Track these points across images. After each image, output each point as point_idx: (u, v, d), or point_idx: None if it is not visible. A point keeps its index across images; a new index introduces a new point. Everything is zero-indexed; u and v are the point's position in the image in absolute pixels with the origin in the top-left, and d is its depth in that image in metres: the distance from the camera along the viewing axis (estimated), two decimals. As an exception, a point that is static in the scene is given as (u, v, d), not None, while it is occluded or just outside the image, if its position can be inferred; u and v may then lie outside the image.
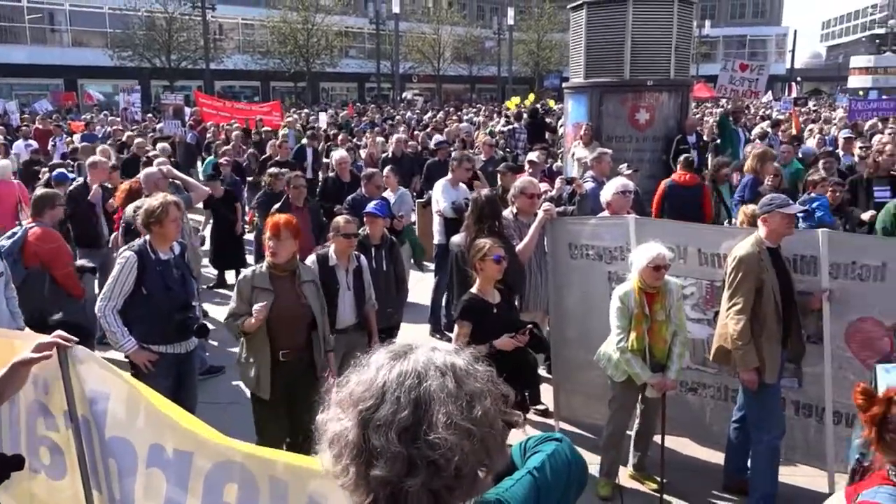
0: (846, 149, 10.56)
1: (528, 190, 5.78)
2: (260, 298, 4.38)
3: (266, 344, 4.40)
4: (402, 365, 1.27)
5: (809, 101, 37.39)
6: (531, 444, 1.57)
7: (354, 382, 1.28)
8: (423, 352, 1.30)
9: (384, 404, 1.22)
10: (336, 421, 1.26)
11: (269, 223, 4.46)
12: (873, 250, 4.49)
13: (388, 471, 1.19)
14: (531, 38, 54.59)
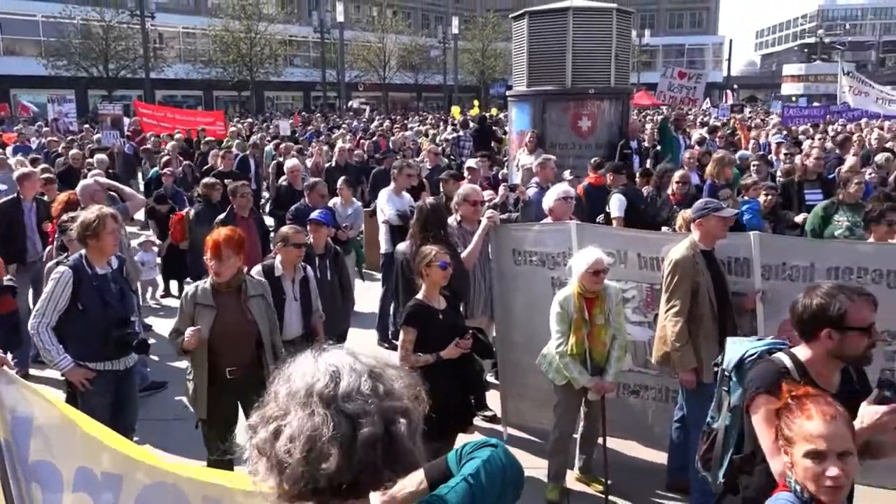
0: (779, 153, 10.94)
1: (471, 197, 5.82)
2: (201, 315, 4.28)
3: (205, 362, 4.30)
4: (330, 353, 1.37)
5: (746, 108, 38.63)
6: (467, 450, 1.59)
7: (298, 380, 1.32)
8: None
9: (342, 378, 1.31)
10: (304, 417, 1.28)
11: (208, 242, 4.30)
12: (802, 251, 4.67)
13: (372, 428, 1.27)
14: (476, 47, 55.07)
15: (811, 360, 2.65)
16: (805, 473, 2.03)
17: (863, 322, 2.51)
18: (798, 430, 2.05)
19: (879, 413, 2.29)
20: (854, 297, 2.54)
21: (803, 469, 2.04)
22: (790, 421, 2.09)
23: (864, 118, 16.82)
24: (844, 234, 6.29)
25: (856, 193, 6.59)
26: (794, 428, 2.07)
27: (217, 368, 4.30)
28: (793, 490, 2.09)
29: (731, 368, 3.01)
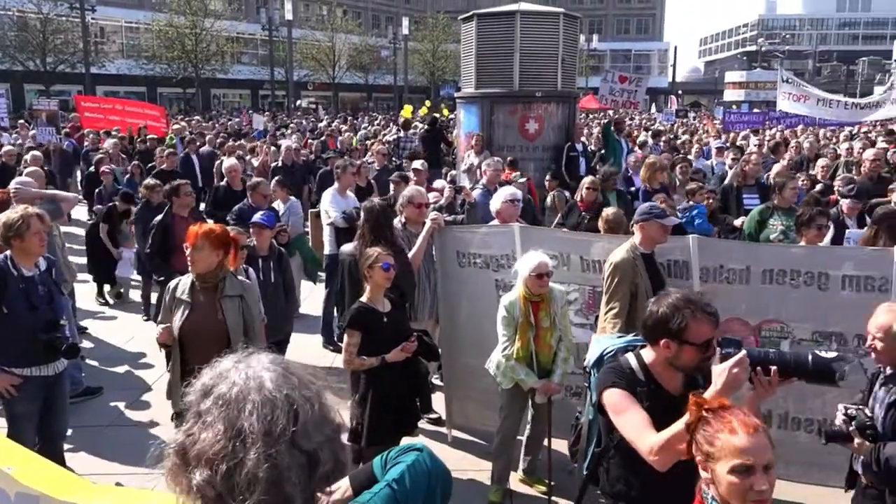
0: (718, 157, 11.23)
1: (416, 199, 5.80)
2: (177, 309, 4.21)
3: (178, 357, 4.23)
4: (273, 375, 1.32)
5: (689, 113, 39.55)
6: (392, 455, 1.57)
7: (252, 417, 1.26)
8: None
9: (300, 413, 1.28)
10: (263, 461, 1.23)
11: (189, 233, 4.24)
12: (738, 254, 4.78)
13: (328, 464, 1.28)
14: (426, 48, 55.16)
15: (654, 363, 2.75)
16: (731, 489, 1.95)
17: (700, 338, 2.56)
18: (722, 446, 1.96)
19: (727, 369, 2.29)
20: (697, 314, 2.59)
21: (729, 485, 1.95)
22: (711, 436, 1.99)
23: (800, 125, 17.41)
24: (779, 237, 6.47)
25: (790, 198, 6.78)
26: (717, 443, 1.97)
27: (188, 364, 4.19)
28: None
29: (591, 365, 3.10)
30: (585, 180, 7.57)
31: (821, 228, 5.49)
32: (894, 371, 3.21)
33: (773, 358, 2.35)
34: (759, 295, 4.67)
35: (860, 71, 76.51)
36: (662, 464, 2.47)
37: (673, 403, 2.62)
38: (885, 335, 3.16)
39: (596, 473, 3.02)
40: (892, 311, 3.22)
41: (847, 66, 77.02)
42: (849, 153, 11.87)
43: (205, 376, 1.35)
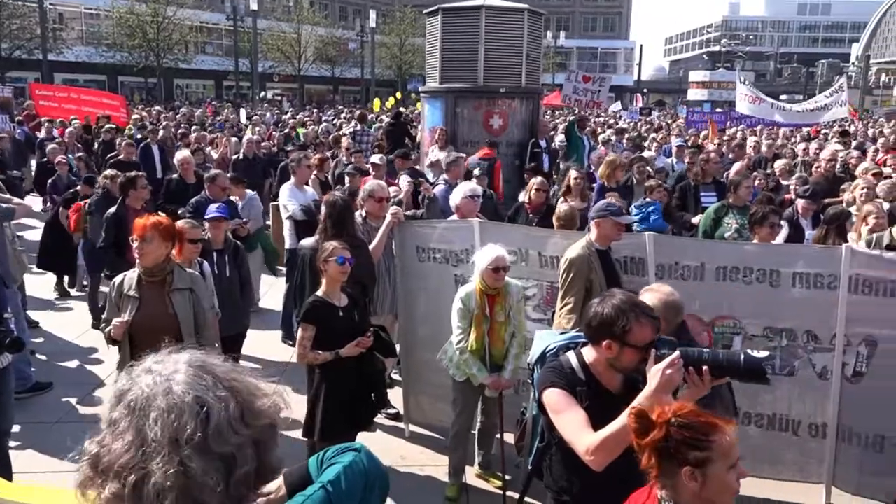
0: (679, 155, 11.38)
1: (376, 193, 5.76)
2: (125, 305, 4.11)
3: (127, 354, 4.12)
4: (183, 376, 1.28)
5: (654, 112, 40.03)
6: (328, 455, 1.54)
7: (157, 423, 1.22)
8: None
9: (212, 414, 1.23)
10: (172, 470, 1.19)
11: (135, 225, 4.14)
12: (692, 251, 4.85)
13: (247, 465, 1.24)
14: (393, 42, 54.87)
15: (595, 362, 2.77)
16: (726, 487, 1.94)
17: (642, 341, 2.58)
18: (719, 448, 1.92)
19: (661, 370, 2.33)
20: (641, 318, 2.62)
21: (725, 485, 1.94)
22: (705, 442, 1.92)
23: (759, 125, 17.73)
24: (733, 235, 6.57)
25: (744, 196, 6.90)
26: (713, 447, 1.92)
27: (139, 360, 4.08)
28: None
29: (534, 362, 3.12)
30: (534, 181, 7.37)
31: (773, 227, 5.59)
32: None
33: (706, 358, 2.38)
34: (713, 291, 4.74)
35: (819, 73, 78.19)
36: (599, 463, 2.49)
37: (612, 402, 2.64)
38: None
39: (540, 468, 3.04)
40: (650, 291, 3.44)
41: (807, 68, 78.65)
42: (805, 153, 12.12)
43: (120, 381, 1.30)
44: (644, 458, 1.96)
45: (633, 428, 2.01)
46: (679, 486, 1.95)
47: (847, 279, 4.39)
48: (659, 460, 1.94)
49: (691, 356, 2.39)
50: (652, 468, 1.96)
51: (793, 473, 4.81)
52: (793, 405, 4.72)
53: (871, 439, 4.51)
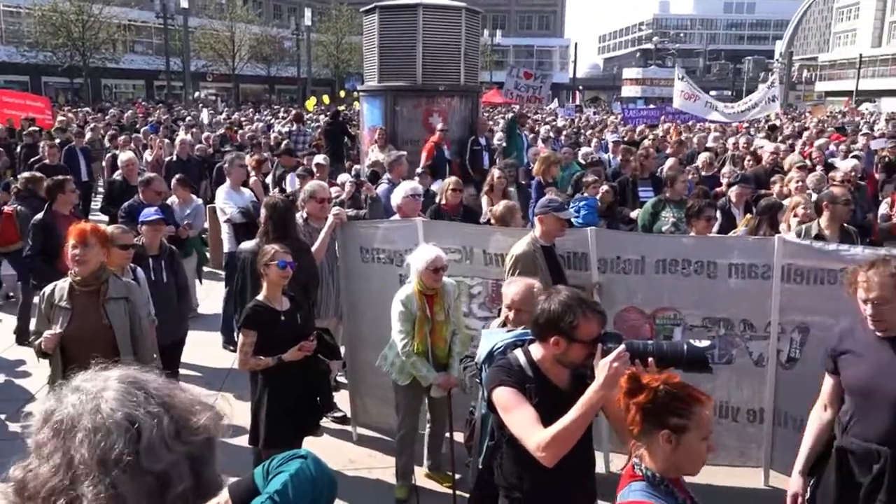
0: (615, 151, 11.59)
1: (318, 194, 5.68)
2: (56, 316, 3.93)
3: (59, 368, 3.93)
4: (112, 392, 1.23)
5: (589, 108, 40.71)
6: (274, 464, 1.49)
7: (82, 443, 1.15)
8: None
9: (143, 431, 1.18)
10: (103, 493, 1.12)
11: (72, 230, 3.96)
12: (633, 245, 4.94)
13: (182, 482, 1.19)
14: (330, 40, 54.23)
15: (542, 359, 2.80)
16: (695, 456, 2.11)
17: (589, 336, 2.62)
18: (698, 418, 2.09)
19: (608, 363, 2.39)
20: (587, 313, 2.66)
21: (698, 453, 2.10)
22: (686, 411, 2.09)
23: (691, 120, 18.21)
24: (671, 229, 6.73)
25: (680, 191, 7.07)
26: (693, 416, 2.08)
27: (71, 375, 3.88)
28: (645, 476, 2.15)
29: (481, 361, 3.13)
30: (449, 180, 7.17)
31: (709, 220, 5.74)
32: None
33: (651, 350, 2.44)
34: (653, 284, 4.84)
35: (746, 69, 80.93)
36: (550, 459, 2.51)
37: (561, 398, 2.67)
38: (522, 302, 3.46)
39: (491, 466, 3.05)
40: (514, 283, 3.58)
41: (734, 65, 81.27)
42: (735, 147, 12.52)
43: (47, 401, 1.23)
44: (630, 416, 2.12)
45: (625, 388, 2.15)
46: (653, 447, 2.12)
47: (780, 269, 4.53)
48: (643, 420, 2.10)
49: (636, 348, 2.44)
50: (635, 425, 2.12)
51: (733, 458, 4.94)
52: (731, 392, 4.86)
53: (805, 422, 4.66)
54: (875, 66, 72.76)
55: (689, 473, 2.19)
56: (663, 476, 2.13)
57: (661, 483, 2.12)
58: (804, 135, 15.96)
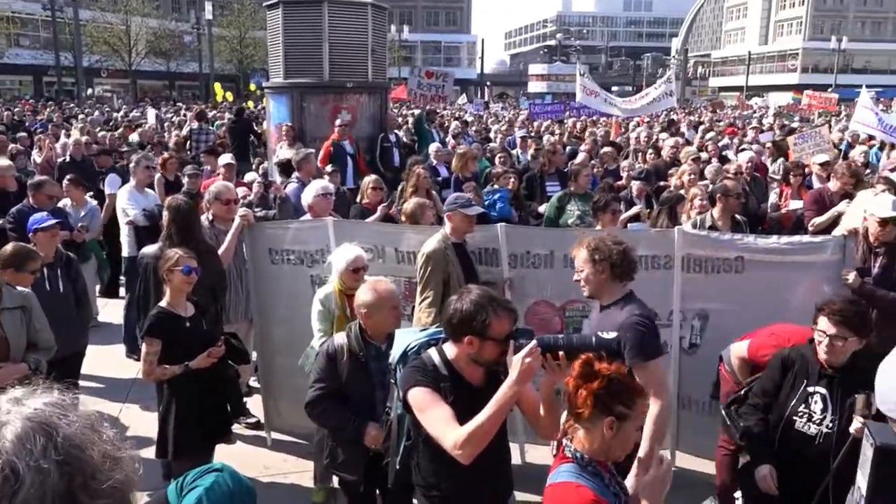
0: (523, 147, 11.81)
1: (223, 195, 5.51)
2: None
3: None
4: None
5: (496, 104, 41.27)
6: (188, 480, 1.44)
7: None
8: None
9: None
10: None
11: None
12: (541, 240, 5.05)
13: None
14: (233, 35, 52.70)
15: (457, 358, 2.83)
16: (628, 443, 2.27)
17: (502, 334, 2.68)
18: (637, 409, 2.25)
19: (520, 359, 2.45)
20: (499, 311, 2.71)
21: (629, 440, 2.26)
22: (630, 401, 2.22)
23: (596, 115, 18.74)
24: (576, 222, 6.90)
25: (584, 184, 7.26)
26: (635, 406, 2.23)
27: None
28: (574, 458, 2.25)
29: (395, 361, 3.17)
30: (368, 179, 7.15)
31: (615, 213, 5.92)
32: None
33: (561, 343, 2.50)
34: (562, 277, 4.92)
35: (645, 65, 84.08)
36: (467, 456, 2.54)
37: (477, 396, 2.70)
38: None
39: (408, 466, 3.05)
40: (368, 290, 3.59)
41: (634, 61, 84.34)
42: (637, 142, 12.98)
43: None
44: (580, 400, 2.21)
45: (579, 373, 2.24)
46: (594, 431, 2.22)
47: (680, 259, 4.73)
48: (593, 405, 2.20)
49: (547, 343, 2.50)
50: (586, 408, 2.20)
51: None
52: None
53: (705, 404, 4.91)
54: (763, 62, 77.18)
55: (616, 459, 2.31)
56: (591, 458, 2.24)
57: (589, 464, 2.24)
58: (699, 129, 16.75)
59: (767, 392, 3.55)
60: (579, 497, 2.15)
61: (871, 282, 4.72)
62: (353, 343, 3.56)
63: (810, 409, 3.38)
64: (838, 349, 3.28)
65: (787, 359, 3.52)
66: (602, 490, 2.21)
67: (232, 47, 52.95)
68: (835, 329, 3.27)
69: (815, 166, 8.31)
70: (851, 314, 3.28)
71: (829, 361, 3.34)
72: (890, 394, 1.60)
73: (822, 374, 3.38)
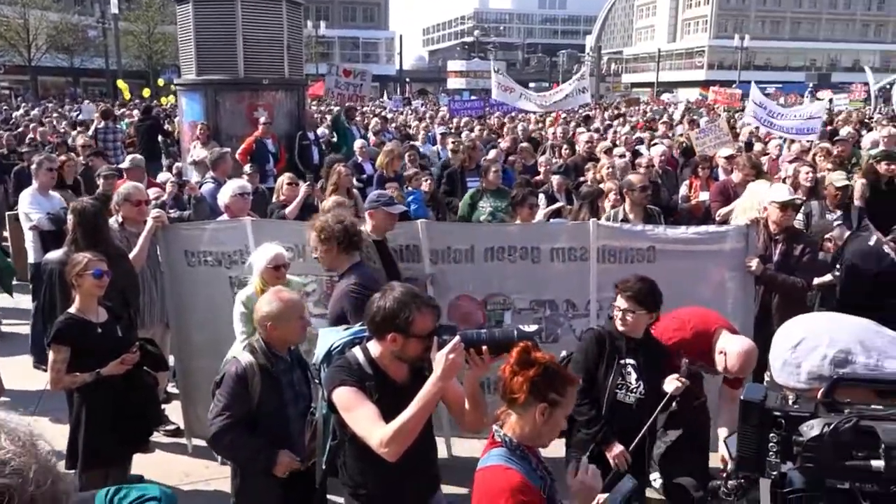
0: (443, 144, 11.87)
1: (133, 196, 5.33)
2: None
3: None
4: None
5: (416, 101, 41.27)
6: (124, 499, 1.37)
7: None
8: None
9: None
10: None
11: None
12: (462, 236, 5.10)
13: None
14: (141, 30, 50.70)
15: (381, 356, 2.84)
16: (556, 429, 2.37)
17: (425, 331, 2.72)
18: (569, 398, 2.35)
19: (444, 355, 2.49)
20: (422, 308, 2.74)
21: (557, 427, 2.36)
22: (563, 390, 2.32)
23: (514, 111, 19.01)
24: (488, 218, 6.98)
25: (494, 180, 7.35)
26: (567, 395, 2.33)
27: None
28: (504, 442, 2.33)
29: (319, 361, 3.18)
30: (283, 176, 7.09)
31: (532, 207, 6.04)
32: None
33: (484, 338, 2.54)
34: (483, 271, 5.02)
35: (561, 62, 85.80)
36: (393, 454, 2.56)
37: (401, 393, 2.72)
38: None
39: (335, 466, 3.04)
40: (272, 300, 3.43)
41: (550, 58, 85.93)
42: (554, 137, 13.26)
43: None
44: (516, 386, 2.29)
45: (516, 360, 2.31)
46: (526, 417, 2.30)
47: (595, 251, 4.88)
48: (529, 390, 2.28)
49: (470, 338, 2.54)
50: (521, 394, 2.28)
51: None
52: (559, 368, 5.17)
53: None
54: (672, 59, 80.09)
55: (543, 445, 2.41)
56: (520, 443, 2.32)
57: (518, 448, 2.32)
58: (614, 123, 17.28)
59: (590, 371, 3.76)
60: (507, 479, 2.23)
61: (772, 268, 5.00)
62: (263, 359, 3.33)
63: (626, 381, 3.71)
64: (629, 322, 3.65)
65: (600, 337, 3.77)
66: (529, 473, 2.30)
67: (140, 42, 50.92)
68: (626, 304, 3.65)
69: (721, 159, 8.70)
70: (638, 290, 3.65)
71: (627, 333, 3.70)
72: (774, 361, 1.75)
73: (628, 347, 3.71)
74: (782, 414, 1.52)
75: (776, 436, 1.52)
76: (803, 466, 1.48)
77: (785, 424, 1.51)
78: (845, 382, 1.57)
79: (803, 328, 1.73)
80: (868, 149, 10.27)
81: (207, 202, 6.64)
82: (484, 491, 2.28)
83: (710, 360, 3.90)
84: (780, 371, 1.71)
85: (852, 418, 1.44)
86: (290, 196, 6.68)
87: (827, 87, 44.33)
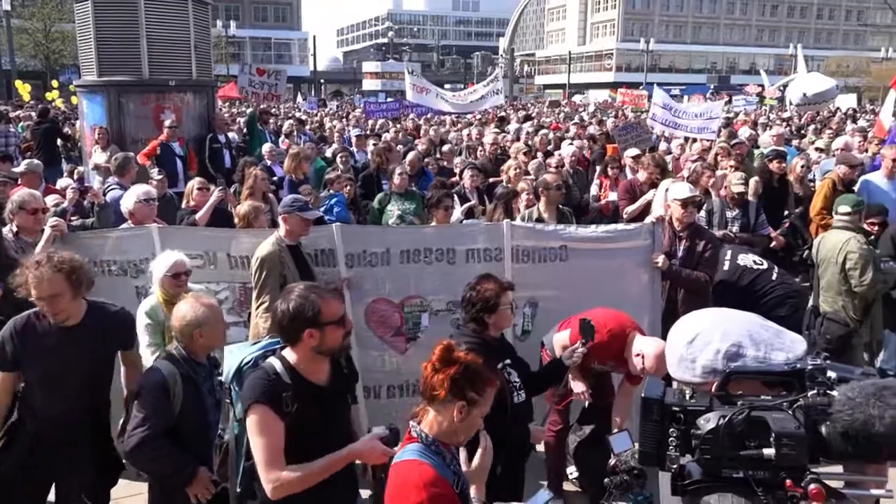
0: (359, 146, 11.79)
1: (28, 204, 5.03)
2: None
3: None
4: None
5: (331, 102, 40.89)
6: None
7: None
8: None
9: None
10: None
11: None
12: (378, 238, 5.09)
13: None
14: (36, 28, 48.12)
15: (298, 361, 2.80)
16: (473, 428, 2.42)
17: (335, 315, 2.74)
18: (487, 397, 2.41)
19: (373, 448, 2.65)
20: (324, 295, 2.76)
21: (474, 425, 2.41)
22: (482, 389, 2.38)
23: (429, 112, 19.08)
24: (396, 221, 6.97)
25: (400, 184, 7.34)
26: (485, 395, 2.39)
27: None
28: (420, 438, 2.37)
29: (230, 379, 3.11)
30: (193, 181, 6.90)
31: (447, 209, 6.08)
32: None
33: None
34: (399, 274, 5.03)
35: (475, 63, 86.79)
36: (276, 496, 2.60)
37: (322, 395, 2.69)
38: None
39: (251, 489, 2.91)
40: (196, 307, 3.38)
41: (465, 60, 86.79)
42: (469, 138, 13.40)
43: None
44: (437, 382, 2.34)
45: (438, 357, 2.36)
46: (444, 414, 2.35)
47: (510, 251, 4.96)
48: (449, 387, 2.33)
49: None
50: (441, 390, 2.33)
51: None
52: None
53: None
54: (582, 62, 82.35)
55: (459, 443, 2.45)
56: (435, 439, 2.37)
57: (433, 444, 2.37)
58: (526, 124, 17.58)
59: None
60: (420, 474, 2.27)
61: (677, 263, 5.22)
62: (186, 368, 3.26)
63: (512, 381, 3.69)
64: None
65: (490, 344, 3.65)
66: (442, 468, 2.34)
67: (36, 41, 48.33)
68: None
69: (628, 159, 9.00)
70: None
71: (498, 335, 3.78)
72: (670, 357, 1.83)
73: (501, 349, 3.75)
74: (681, 409, 1.58)
75: (675, 430, 1.57)
76: (701, 458, 1.54)
77: (683, 419, 1.57)
78: (737, 375, 1.65)
79: (696, 324, 1.80)
80: (763, 147, 10.89)
81: (113, 209, 6.36)
82: (398, 484, 2.31)
83: (622, 360, 4.05)
84: (677, 367, 1.78)
85: (745, 410, 1.52)
86: (201, 201, 6.47)
87: (727, 89, 46.59)
